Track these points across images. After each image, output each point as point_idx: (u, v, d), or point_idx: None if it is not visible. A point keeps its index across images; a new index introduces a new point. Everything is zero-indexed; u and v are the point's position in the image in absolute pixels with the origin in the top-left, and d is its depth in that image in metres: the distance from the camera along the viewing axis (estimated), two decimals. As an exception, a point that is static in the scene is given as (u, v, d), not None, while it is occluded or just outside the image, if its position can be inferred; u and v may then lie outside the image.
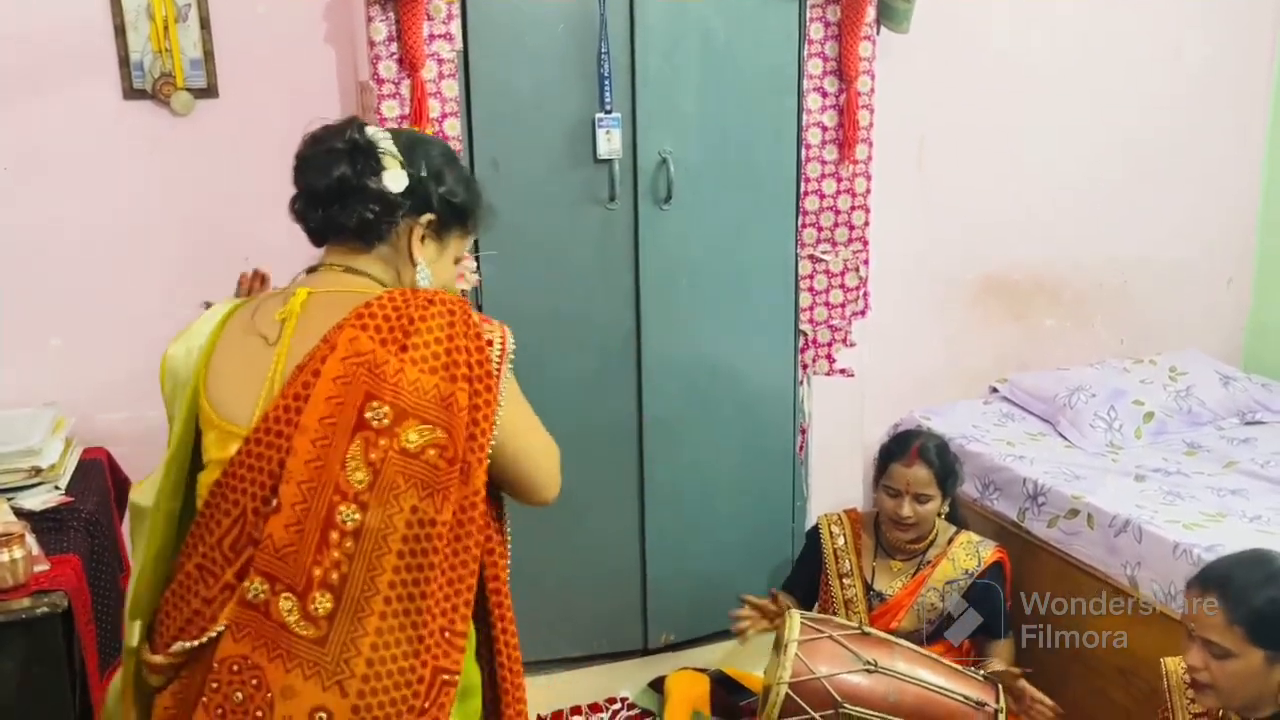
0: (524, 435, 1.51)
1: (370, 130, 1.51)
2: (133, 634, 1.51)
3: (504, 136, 2.66)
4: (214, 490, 1.41)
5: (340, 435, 1.36)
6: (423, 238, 1.53)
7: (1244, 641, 1.74)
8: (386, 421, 1.36)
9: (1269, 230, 3.79)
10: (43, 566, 2.05)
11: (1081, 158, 3.51)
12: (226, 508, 1.40)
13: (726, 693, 2.99)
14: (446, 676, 1.39)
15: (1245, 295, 3.86)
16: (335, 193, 1.48)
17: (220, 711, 1.36)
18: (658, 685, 3.04)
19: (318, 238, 1.56)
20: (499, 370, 1.44)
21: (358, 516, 1.35)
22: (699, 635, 3.12)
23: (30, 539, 2.06)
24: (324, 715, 1.33)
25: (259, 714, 1.34)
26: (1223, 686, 1.77)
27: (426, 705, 1.37)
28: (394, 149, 1.50)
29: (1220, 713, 1.87)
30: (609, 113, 2.69)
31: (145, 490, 1.53)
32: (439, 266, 1.57)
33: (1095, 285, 3.65)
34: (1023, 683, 2.39)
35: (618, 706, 3.03)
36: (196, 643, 1.39)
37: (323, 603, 1.34)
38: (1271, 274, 3.80)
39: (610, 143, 2.71)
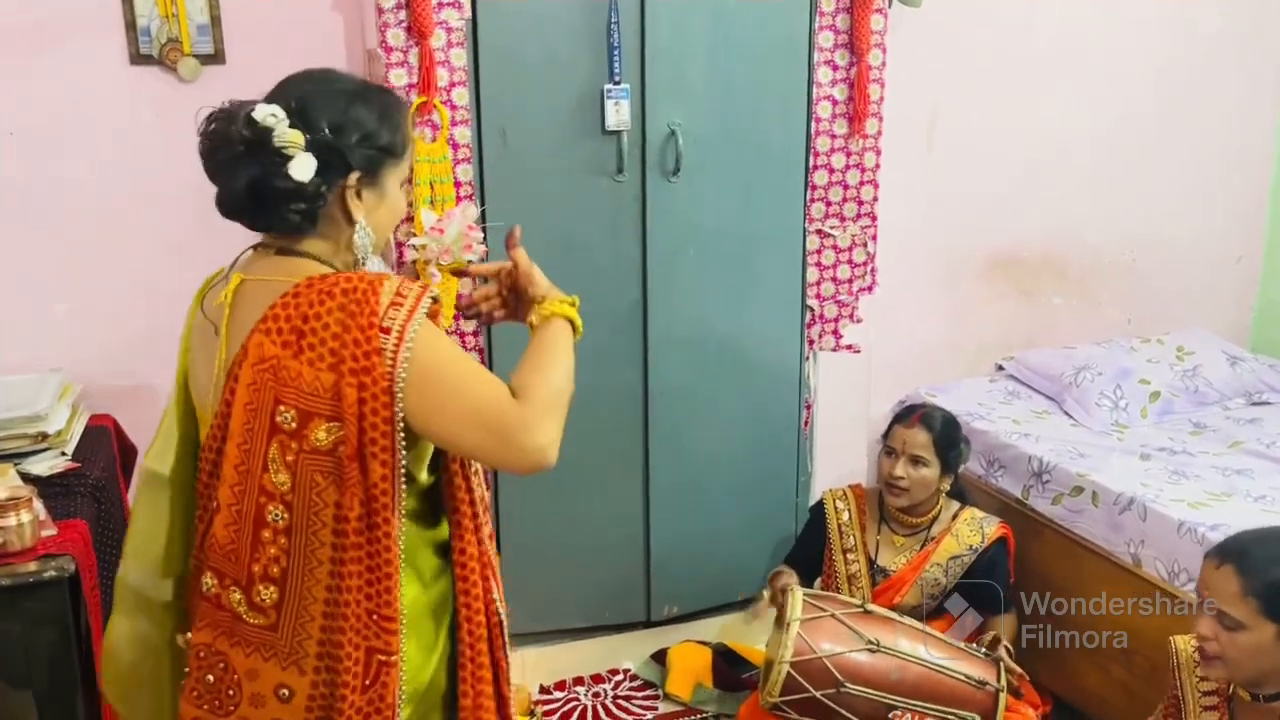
0: (453, 401, 1.38)
1: (260, 114, 1.38)
2: (164, 590, 1.59)
3: (512, 107, 2.64)
4: (198, 471, 1.52)
5: (258, 440, 1.39)
6: (358, 193, 1.46)
7: (1257, 615, 1.74)
8: (294, 425, 1.38)
9: (1280, 210, 3.78)
10: (49, 531, 2.05)
11: (1091, 135, 3.48)
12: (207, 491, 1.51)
13: (728, 665, 3.01)
14: (382, 657, 1.43)
15: (1254, 274, 3.85)
16: (250, 198, 1.40)
17: (196, 693, 1.48)
18: (660, 657, 3.06)
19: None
20: (394, 359, 1.35)
21: (286, 516, 1.39)
22: (702, 608, 3.14)
23: (38, 503, 2.06)
24: (286, 692, 1.43)
25: (230, 693, 1.45)
26: (1231, 659, 1.78)
27: (368, 683, 1.43)
28: (288, 131, 1.38)
29: (1230, 689, 1.87)
30: (618, 84, 2.67)
31: (160, 457, 1.58)
32: (381, 212, 1.50)
33: (1103, 263, 3.63)
34: (1001, 650, 2.41)
35: (620, 678, 3.05)
36: None
37: (268, 594, 1.42)
38: (1282, 254, 3.79)
39: (619, 114, 2.69)
